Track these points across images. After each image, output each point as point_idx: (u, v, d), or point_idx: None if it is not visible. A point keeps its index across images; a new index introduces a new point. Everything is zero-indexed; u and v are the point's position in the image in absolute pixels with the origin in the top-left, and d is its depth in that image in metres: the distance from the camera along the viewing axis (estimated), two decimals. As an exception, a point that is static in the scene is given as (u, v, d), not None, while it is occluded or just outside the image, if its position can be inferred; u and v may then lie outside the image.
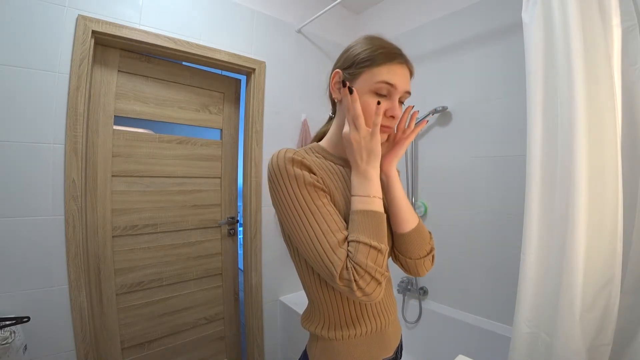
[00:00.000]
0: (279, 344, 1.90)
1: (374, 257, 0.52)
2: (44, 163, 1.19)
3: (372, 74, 0.59)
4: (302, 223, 0.54)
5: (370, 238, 0.53)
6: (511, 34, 1.47)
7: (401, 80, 0.60)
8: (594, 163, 0.89)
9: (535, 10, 1.02)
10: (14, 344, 1.04)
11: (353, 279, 0.50)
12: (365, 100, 0.59)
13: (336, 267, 0.51)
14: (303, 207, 0.54)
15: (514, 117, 1.48)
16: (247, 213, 1.82)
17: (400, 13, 2.02)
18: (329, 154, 0.67)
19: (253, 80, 1.78)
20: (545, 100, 1.00)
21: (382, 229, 0.55)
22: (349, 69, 0.61)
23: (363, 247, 0.52)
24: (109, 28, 1.31)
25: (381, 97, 0.59)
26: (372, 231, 0.53)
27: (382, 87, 0.59)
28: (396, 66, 0.59)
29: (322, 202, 0.55)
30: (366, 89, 0.59)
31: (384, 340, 0.67)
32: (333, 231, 0.53)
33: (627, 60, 0.92)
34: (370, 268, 0.51)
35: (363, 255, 0.51)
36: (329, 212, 0.55)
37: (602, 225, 0.89)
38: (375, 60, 0.59)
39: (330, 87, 0.65)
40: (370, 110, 0.58)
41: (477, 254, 1.62)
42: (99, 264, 1.42)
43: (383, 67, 0.59)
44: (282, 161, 0.56)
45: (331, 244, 0.52)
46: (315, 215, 0.54)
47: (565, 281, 0.90)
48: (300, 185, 0.55)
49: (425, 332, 1.77)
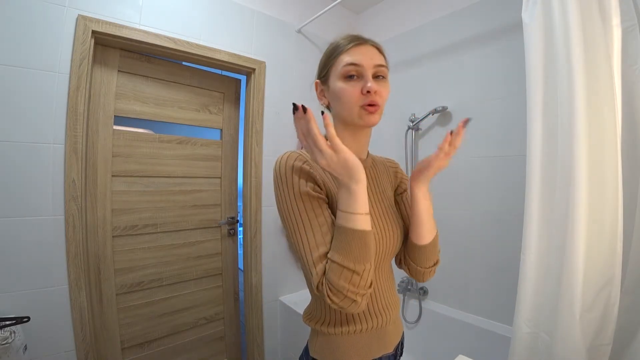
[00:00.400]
0: (279, 344, 1.90)
1: (347, 277, 0.52)
2: (44, 163, 1.19)
3: (337, 63, 0.62)
4: (294, 231, 0.57)
5: (345, 258, 0.52)
6: (511, 34, 1.47)
7: (364, 57, 0.61)
8: (594, 163, 0.89)
9: (535, 10, 1.02)
10: (14, 344, 1.04)
11: (326, 294, 0.53)
12: (339, 86, 0.61)
13: (314, 280, 0.54)
14: (296, 216, 0.57)
15: (514, 117, 1.48)
16: (247, 213, 1.82)
17: (400, 13, 2.02)
18: None
19: (253, 80, 1.78)
20: (545, 100, 1.00)
21: (361, 248, 0.53)
22: (322, 72, 0.66)
23: (336, 267, 0.52)
24: (109, 28, 1.31)
25: (351, 80, 0.60)
26: (348, 251, 0.53)
27: (349, 69, 0.60)
28: (355, 48, 0.62)
29: (314, 213, 0.57)
30: (336, 77, 0.62)
31: (383, 337, 0.68)
32: (318, 245, 0.55)
33: (627, 60, 0.92)
34: (342, 287, 0.52)
35: (335, 275, 0.52)
36: (318, 224, 0.56)
37: (602, 225, 0.89)
38: (335, 51, 0.63)
39: (318, 98, 0.69)
40: (346, 92, 0.61)
41: (477, 254, 1.62)
42: (99, 264, 1.42)
43: (344, 53, 0.62)
44: (284, 168, 0.59)
45: (313, 257, 0.55)
46: (306, 226, 0.56)
47: (565, 281, 0.90)
48: (296, 194, 0.57)
49: (425, 332, 1.77)
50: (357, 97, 0.60)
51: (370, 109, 0.61)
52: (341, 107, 0.63)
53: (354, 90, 0.60)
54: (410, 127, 1.86)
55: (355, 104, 0.61)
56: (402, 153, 1.87)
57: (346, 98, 0.61)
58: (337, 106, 0.64)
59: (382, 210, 0.70)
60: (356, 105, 0.61)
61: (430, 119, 1.82)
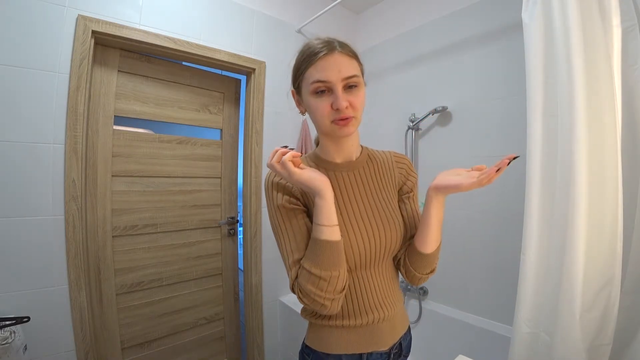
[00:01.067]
0: (279, 344, 1.90)
1: (314, 282, 0.58)
2: (44, 163, 1.19)
3: (305, 78, 0.62)
4: (277, 238, 0.66)
5: (313, 265, 0.58)
6: (511, 34, 1.47)
7: (332, 71, 0.59)
8: (594, 163, 0.89)
9: (535, 10, 1.02)
10: (14, 344, 1.04)
11: (298, 296, 0.61)
12: (311, 102, 0.62)
13: (290, 282, 0.63)
14: (276, 226, 0.65)
15: (514, 117, 1.48)
16: (247, 213, 1.82)
17: (400, 13, 2.02)
18: (321, 160, 0.72)
19: (253, 80, 1.78)
20: (545, 100, 1.00)
21: (328, 256, 0.58)
22: (295, 83, 0.68)
23: (305, 273, 0.59)
24: (109, 28, 1.31)
25: (322, 95, 0.60)
26: (315, 259, 0.58)
27: (317, 86, 0.60)
28: (321, 61, 0.59)
29: (290, 223, 0.64)
30: (307, 93, 0.62)
31: (376, 334, 0.69)
32: (293, 251, 0.63)
33: (627, 60, 0.92)
34: (309, 291, 0.58)
35: (304, 280, 0.59)
36: (293, 233, 0.63)
37: (602, 225, 0.89)
38: (303, 65, 0.62)
39: (296, 105, 0.72)
40: (318, 110, 0.61)
41: (477, 254, 1.62)
42: (99, 264, 1.42)
43: (312, 67, 0.60)
44: (267, 183, 0.67)
45: (289, 262, 0.63)
46: (283, 234, 0.64)
47: (565, 281, 0.90)
48: (274, 207, 0.65)
49: (425, 332, 1.77)
50: (328, 112, 0.60)
51: (342, 123, 0.61)
52: (315, 120, 0.65)
53: (325, 105, 0.60)
54: (410, 127, 1.86)
55: (327, 119, 0.61)
56: (402, 153, 1.87)
57: (318, 114, 0.62)
58: (312, 118, 0.66)
59: (375, 209, 0.69)
60: (328, 119, 0.61)
61: (430, 119, 1.82)
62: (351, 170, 0.71)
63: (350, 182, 0.70)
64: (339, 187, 0.69)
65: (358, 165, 0.72)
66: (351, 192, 0.70)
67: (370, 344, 0.69)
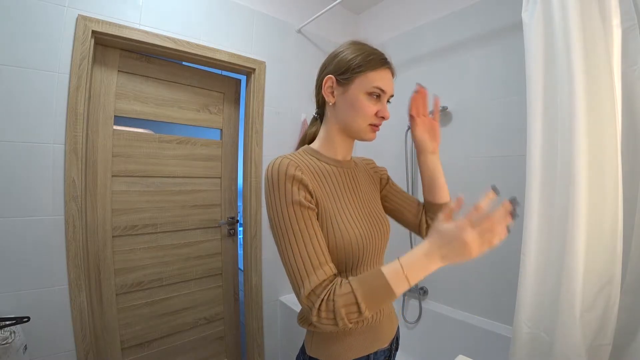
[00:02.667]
0: (279, 344, 1.90)
1: (351, 311, 0.53)
2: (44, 163, 1.19)
3: (366, 78, 0.66)
4: (288, 239, 0.58)
5: (364, 299, 0.52)
6: (511, 34, 1.47)
7: (389, 85, 0.68)
8: (594, 163, 0.89)
9: (535, 10, 1.02)
10: (14, 344, 1.04)
11: (317, 307, 0.53)
12: (361, 100, 0.66)
13: (309, 284, 0.55)
14: (288, 226, 0.58)
15: (514, 117, 1.48)
16: (247, 213, 1.82)
17: (400, 13, 2.02)
18: (323, 156, 0.71)
19: (253, 80, 1.78)
20: (545, 100, 1.00)
21: (382, 302, 0.55)
22: (343, 75, 0.67)
23: (352, 298, 0.52)
24: (109, 28, 1.31)
25: (372, 99, 0.66)
26: (372, 297, 0.53)
27: (376, 91, 0.66)
28: (384, 71, 0.67)
29: (305, 224, 0.58)
30: (362, 91, 0.66)
31: (378, 331, 0.70)
32: (317, 253, 0.57)
33: (627, 60, 0.92)
34: (338, 314, 0.52)
35: (344, 302, 0.52)
36: (314, 233, 0.58)
37: (602, 225, 0.89)
38: (368, 66, 0.66)
39: (323, 90, 0.69)
40: (366, 109, 0.66)
41: (477, 254, 1.62)
42: (99, 264, 1.42)
43: (375, 72, 0.66)
44: (276, 175, 0.59)
45: (313, 263, 0.56)
46: (302, 234, 0.57)
47: (565, 281, 0.90)
48: (288, 203, 0.58)
49: (425, 332, 1.77)
50: (371, 116, 0.67)
51: (376, 129, 0.70)
52: (352, 118, 0.67)
53: (373, 109, 0.66)
54: (410, 127, 1.85)
55: (367, 121, 0.67)
56: (402, 153, 1.87)
57: (362, 114, 0.66)
58: (347, 114, 0.68)
59: (371, 210, 0.73)
60: (367, 122, 0.67)
61: (430, 119, 1.82)
62: (348, 169, 0.75)
63: (350, 179, 0.74)
64: (344, 182, 0.71)
65: (351, 165, 0.77)
66: (352, 187, 0.73)
67: (374, 342, 0.69)
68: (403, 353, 0.89)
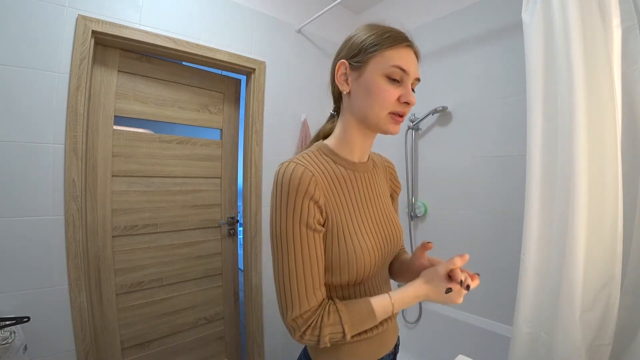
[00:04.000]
0: (279, 344, 1.90)
1: (335, 337, 0.55)
2: (44, 163, 1.19)
3: (383, 57, 0.57)
4: (285, 257, 0.55)
5: (351, 328, 0.55)
6: (511, 34, 1.47)
7: (412, 66, 0.58)
8: (594, 163, 0.89)
9: (535, 10, 1.02)
10: (14, 344, 1.04)
11: (303, 331, 0.54)
12: (378, 84, 0.57)
13: (296, 310, 0.54)
14: (289, 244, 0.54)
15: (514, 117, 1.48)
16: (247, 213, 1.82)
17: (400, 13, 2.02)
18: (338, 157, 0.65)
19: (253, 80, 1.78)
20: (545, 100, 1.00)
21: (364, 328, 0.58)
22: (357, 57, 0.59)
23: (338, 328, 0.55)
24: (109, 28, 1.31)
25: (393, 83, 0.57)
26: (358, 326, 0.57)
27: (395, 71, 0.56)
28: (405, 49, 0.58)
29: (308, 247, 0.55)
30: (379, 73, 0.57)
31: (384, 338, 0.68)
32: (312, 279, 0.55)
33: (627, 60, 0.92)
34: (321, 339, 0.54)
35: (330, 330, 0.54)
36: (314, 257, 0.56)
37: (602, 225, 0.89)
38: (384, 44, 0.57)
39: (336, 79, 0.62)
40: (385, 94, 0.57)
41: (477, 254, 1.61)
42: (99, 264, 1.42)
43: (393, 50, 0.57)
44: (287, 185, 0.54)
45: (306, 289, 0.54)
46: (303, 256, 0.55)
47: (565, 281, 0.90)
48: (295, 221, 0.54)
49: (425, 332, 1.77)
50: (392, 102, 0.57)
51: (399, 119, 0.59)
52: (370, 105, 0.58)
53: (394, 93, 0.57)
54: (410, 127, 1.86)
55: (387, 109, 0.58)
56: (402, 153, 1.87)
57: (381, 99, 0.57)
58: (365, 102, 0.59)
59: (385, 215, 0.68)
60: (387, 109, 0.58)
61: (430, 119, 1.82)
62: (365, 172, 0.68)
63: (366, 185, 0.67)
64: (359, 189, 0.65)
65: (368, 167, 0.70)
66: (367, 195, 0.66)
67: (381, 349, 0.67)
68: (403, 353, 0.89)
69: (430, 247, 0.66)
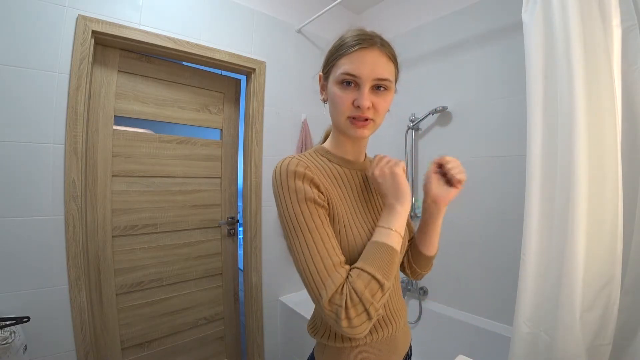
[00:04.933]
0: (279, 344, 1.90)
1: (373, 289, 0.50)
2: (44, 163, 1.19)
3: (336, 66, 0.59)
4: (300, 239, 0.54)
5: (376, 270, 0.51)
6: (511, 34, 1.47)
7: (365, 67, 0.56)
8: (594, 163, 0.89)
9: (535, 10, 1.01)
10: (14, 344, 1.04)
11: (344, 306, 0.48)
12: (334, 91, 0.59)
13: (328, 290, 0.50)
14: (301, 224, 0.54)
15: (514, 117, 1.48)
16: (247, 213, 1.82)
17: (401, 13, 2.02)
18: (333, 156, 0.67)
19: (253, 80, 1.78)
20: (545, 100, 1.00)
21: (392, 264, 0.53)
22: (325, 68, 0.63)
23: (366, 275, 0.50)
24: (109, 28, 1.31)
25: (347, 87, 0.58)
26: (380, 264, 0.52)
27: (344, 78, 0.57)
28: (357, 53, 0.57)
29: (320, 221, 0.55)
30: (334, 81, 0.60)
31: (392, 345, 0.66)
32: (330, 254, 0.53)
33: (627, 60, 0.91)
34: (365, 299, 0.49)
35: (363, 283, 0.50)
36: (326, 233, 0.54)
37: (602, 225, 0.89)
38: (338, 52, 0.59)
39: (319, 90, 0.67)
40: (338, 100, 0.59)
41: (477, 254, 1.62)
42: (99, 264, 1.42)
43: (345, 57, 0.58)
44: (285, 174, 0.56)
45: (327, 265, 0.51)
46: (313, 233, 0.53)
47: (566, 281, 0.90)
48: (300, 200, 0.54)
49: (425, 332, 1.77)
50: (347, 107, 0.58)
51: (358, 123, 0.59)
52: (332, 112, 0.62)
53: (346, 98, 0.58)
54: (410, 127, 1.86)
55: (344, 114, 0.59)
56: (402, 153, 1.87)
57: (337, 105, 0.59)
58: (331, 110, 0.63)
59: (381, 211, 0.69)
60: (344, 115, 0.59)
61: (430, 119, 1.82)
62: (361, 170, 0.69)
63: (362, 182, 0.68)
64: (356, 185, 0.66)
65: (365, 166, 0.70)
66: (363, 190, 0.68)
67: (389, 356, 0.65)
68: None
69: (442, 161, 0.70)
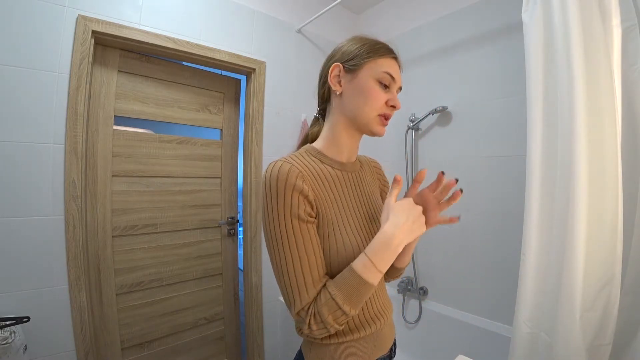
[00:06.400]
0: (279, 344, 1.90)
1: (337, 316, 0.54)
2: (44, 163, 1.19)
3: (376, 64, 0.63)
4: (280, 253, 0.56)
5: (345, 301, 0.54)
6: (511, 34, 1.47)
7: (398, 75, 0.66)
8: (594, 163, 0.89)
9: (535, 10, 1.02)
10: (14, 344, 1.04)
11: (307, 322, 0.54)
12: (371, 86, 0.63)
13: (296, 306, 0.55)
14: (284, 239, 0.55)
15: (514, 117, 1.48)
16: (247, 213, 1.82)
17: (401, 13, 2.02)
18: (326, 157, 0.67)
19: (253, 80, 1.78)
20: (545, 100, 1.00)
21: (362, 297, 0.55)
22: (351, 61, 0.64)
23: (333, 304, 0.54)
24: (109, 28, 1.31)
25: (383, 87, 0.64)
26: (352, 296, 0.54)
27: (386, 77, 0.63)
28: (392, 60, 0.66)
29: (302, 238, 0.56)
30: (371, 77, 0.63)
31: (379, 340, 0.68)
32: (305, 272, 0.55)
33: (627, 60, 0.92)
34: (327, 323, 0.54)
35: (328, 310, 0.54)
36: (310, 250, 0.56)
37: (602, 225, 0.89)
38: (377, 52, 0.64)
39: (330, 79, 0.66)
40: (376, 95, 0.62)
41: (477, 254, 1.62)
42: (99, 264, 1.42)
43: (384, 59, 0.64)
44: (275, 182, 0.55)
45: (299, 283, 0.55)
46: (293, 249, 0.55)
47: (565, 281, 0.90)
48: (286, 214, 0.55)
49: (425, 332, 1.77)
50: (381, 105, 0.63)
51: (385, 122, 0.65)
52: (362, 105, 0.63)
53: (383, 97, 0.63)
54: (410, 127, 1.86)
55: (376, 110, 0.63)
56: (402, 153, 1.87)
57: (372, 100, 0.62)
58: (356, 103, 0.64)
59: (374, 213, 0.70)
60: (377, 111, 0.63)
61: (430, 119, 1.82)
62: (353, 172, 0.71)
63: (354, 184, 0.69)
64: (348, 187, 0.67)
65: (356, 167, 0.72)
66: (357, 194, 0.69)
67: (375, 351, 0.67)
68: (403, 353, 0.89)
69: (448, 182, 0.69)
